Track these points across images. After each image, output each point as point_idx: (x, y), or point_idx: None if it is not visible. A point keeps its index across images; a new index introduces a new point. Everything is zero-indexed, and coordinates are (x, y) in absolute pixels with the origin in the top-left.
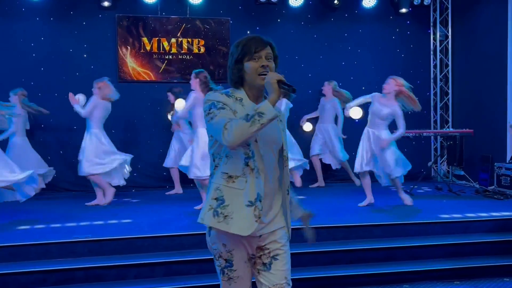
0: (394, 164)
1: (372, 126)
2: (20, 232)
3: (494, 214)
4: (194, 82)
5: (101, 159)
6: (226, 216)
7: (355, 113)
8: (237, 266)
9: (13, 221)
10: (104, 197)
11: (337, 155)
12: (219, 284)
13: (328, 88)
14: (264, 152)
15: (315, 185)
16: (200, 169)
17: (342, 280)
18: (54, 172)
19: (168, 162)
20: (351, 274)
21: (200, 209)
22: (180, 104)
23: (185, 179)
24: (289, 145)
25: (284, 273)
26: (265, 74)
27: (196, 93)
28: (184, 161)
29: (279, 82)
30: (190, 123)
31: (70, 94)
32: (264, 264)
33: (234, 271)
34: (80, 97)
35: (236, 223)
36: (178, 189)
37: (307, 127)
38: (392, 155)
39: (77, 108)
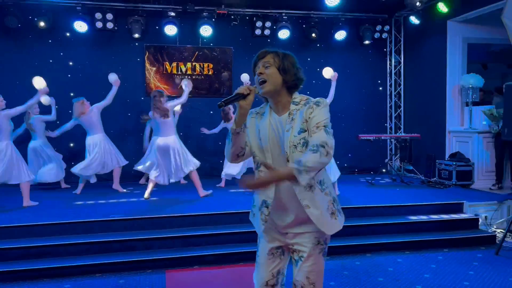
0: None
1: None
2: (68, 211)
3: (435, 199)
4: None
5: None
6: (254, 214)
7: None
8: (260, 254)
9: (65, 204)
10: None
11: None
12: (222, 253)
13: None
14: (275, 161)
15: None
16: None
17: None
18: None
19: None
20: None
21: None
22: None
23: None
24: None
25: (306, 273)
26: (264, 82)
27: None
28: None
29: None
30: None
31: None
32: (295, 260)
33: (258, 257)
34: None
35: (256, 221)
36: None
37: None
38: None
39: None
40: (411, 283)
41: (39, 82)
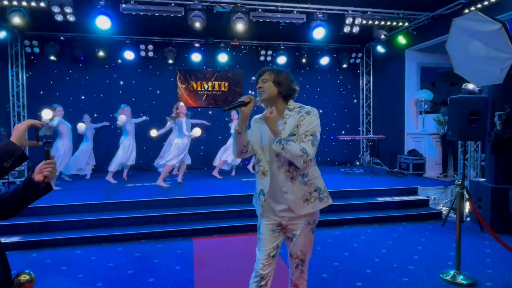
0: None
1: None
2: (119, 194)
3: (397, 185)
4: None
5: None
6: (256, 199)
7: None
8: (263, 230)
9: (113, 187)
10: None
11: None
12: (235, 225)
13: None
14: (271, 158)
15: None
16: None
17: None
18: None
19: None
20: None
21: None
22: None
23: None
24: None
25: (300, 247)
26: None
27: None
28: None
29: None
30: None
31: None
32: (288, 237)
33: (260, 233)
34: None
35: (256, 205)
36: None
37: None
38: None
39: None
40: (378, 248)
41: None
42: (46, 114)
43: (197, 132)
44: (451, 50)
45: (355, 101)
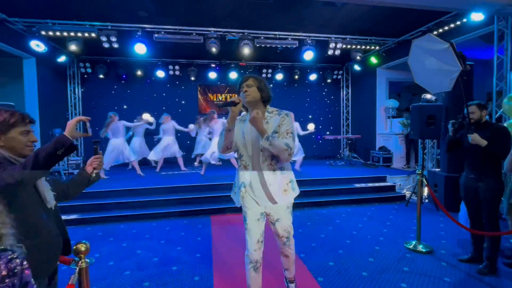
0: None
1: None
2: (153, 181)
3: (370, 174)
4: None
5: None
6: (235, 192)
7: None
8: (249, 221)
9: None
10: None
11: None
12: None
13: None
14: (254, 153)
15: None
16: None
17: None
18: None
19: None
20: (298, 202)
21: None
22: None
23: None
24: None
25: (284, 227)
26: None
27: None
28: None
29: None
30: None
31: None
32: (271, 222)
33: (247, 224)
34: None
35: (236, 197)
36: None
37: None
38: None
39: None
40: (355, 223)
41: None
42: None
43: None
44: (412, 64)
45: (337, 108)
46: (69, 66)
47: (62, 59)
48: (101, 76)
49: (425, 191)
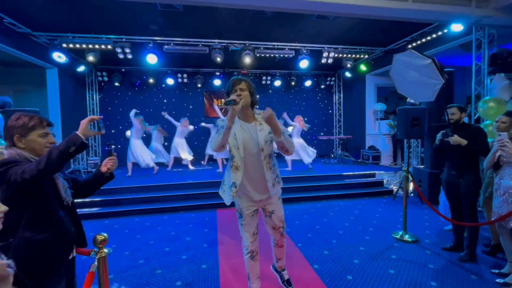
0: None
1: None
2: (164, 178)
3: (361, 171)
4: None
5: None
6: (224, 191)
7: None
8: (244, 217)
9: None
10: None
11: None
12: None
13: (297, 119)
14: (246, 154)
15: None
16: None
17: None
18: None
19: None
20: (295, 196)
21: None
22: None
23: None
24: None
25: (279, 218)
26: (238, 102)
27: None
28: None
29: (225, 102)
30: None
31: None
32: (267, 215)
33: (242, 220)
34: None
35: (225, 196)
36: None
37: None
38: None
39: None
40: (348, 215)
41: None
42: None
43: None
44: (394, 76)
45: (330, 111)
46: (87, 75)
47: (81, 68)
48: (117, 84)
49: (411, 186)
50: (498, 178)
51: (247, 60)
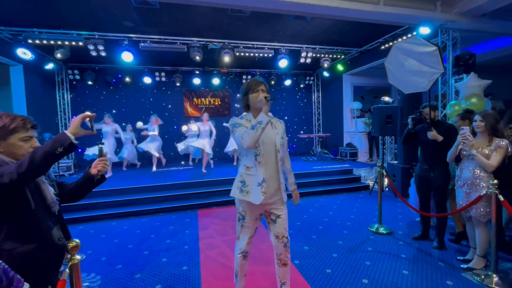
0: None
1: None
2: (141, 180)
3: (339, 167)
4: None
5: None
6: (247, 192)
7: None
8: (248, 220)
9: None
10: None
11: None
12: (227, 200)
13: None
14: (266, 151)
15: None
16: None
17: None
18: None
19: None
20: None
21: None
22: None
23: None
24: None
25: (283, 225)
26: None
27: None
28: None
29: (265, 98)
30: None
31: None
32: (272, 220)
33: (245, 222)
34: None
35: (252, 196)
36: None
37: None
38: None
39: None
40: (327, 210)
41: (139, 124)
42: (139, 124)
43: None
44: (389, 65)
45: (309, 110)
46: (57, 73)
47: (49, 66)
48: (90, 82)
49: (385, 181)
50: (458, 171)
51: (227, 59)
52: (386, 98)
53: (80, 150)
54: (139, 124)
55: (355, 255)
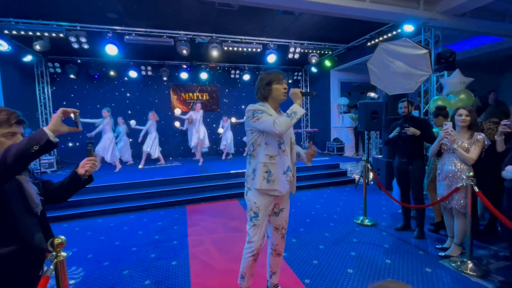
0: None
1: None
2: (129, 176)
3: (326, 162)
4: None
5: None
6: (273, 181)
7: None
8: (260, 217)
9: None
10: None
11: None
12: (216, 195)
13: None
14: (286, 140)
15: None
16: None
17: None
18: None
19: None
20: None
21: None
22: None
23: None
24: None
25: (284, 218)
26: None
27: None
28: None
29: (301, 92)
30: None
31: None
32: (275, 212)
33: (258, 220)
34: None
35: (279, 185)
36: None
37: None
38: None
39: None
40: (314, 204)
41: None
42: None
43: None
44: (371, 66)
45: None
46: (36, 65)
47: (28, 58)
48: (72, 76)
49: (371, 175)
50: (440, 164)
51: (215, 53)
52: (372, 94)
53: (62, 147)
54: (133, 122)
55: (341, 246)
